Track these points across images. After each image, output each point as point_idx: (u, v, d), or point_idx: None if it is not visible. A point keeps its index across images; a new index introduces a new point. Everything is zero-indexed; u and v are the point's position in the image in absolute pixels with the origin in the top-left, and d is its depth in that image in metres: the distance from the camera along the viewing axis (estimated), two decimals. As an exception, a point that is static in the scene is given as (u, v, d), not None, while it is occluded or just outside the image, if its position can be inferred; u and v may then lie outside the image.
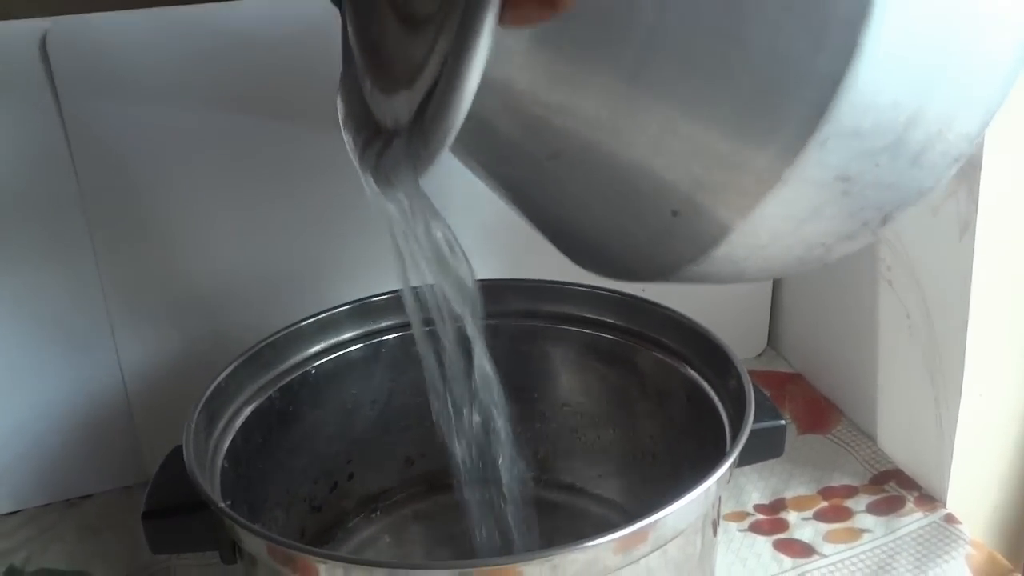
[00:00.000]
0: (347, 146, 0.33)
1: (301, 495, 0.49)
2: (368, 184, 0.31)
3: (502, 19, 0.23)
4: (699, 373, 0.45)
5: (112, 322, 0.54)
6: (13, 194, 0.50)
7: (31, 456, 0.55)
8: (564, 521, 0.51)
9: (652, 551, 0.33)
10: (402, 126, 0.28)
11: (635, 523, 0.32)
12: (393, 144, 0.29)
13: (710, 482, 0.34)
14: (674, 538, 0.34)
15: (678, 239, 0.30)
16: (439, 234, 0.34)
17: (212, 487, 0.37)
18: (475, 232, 0.58)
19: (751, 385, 0.40)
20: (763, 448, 0.41)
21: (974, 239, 0.44)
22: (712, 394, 0.43)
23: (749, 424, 0.37)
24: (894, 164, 0.27)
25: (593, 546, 0.31)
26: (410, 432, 0.52)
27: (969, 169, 0.44)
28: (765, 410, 0.41)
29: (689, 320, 0.46)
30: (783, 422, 0.41)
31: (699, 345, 0.45)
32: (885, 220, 0.29)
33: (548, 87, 0.28)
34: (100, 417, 0.56)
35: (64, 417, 0.55)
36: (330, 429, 0.49)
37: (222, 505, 0.34)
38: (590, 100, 0.28)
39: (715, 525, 0.40)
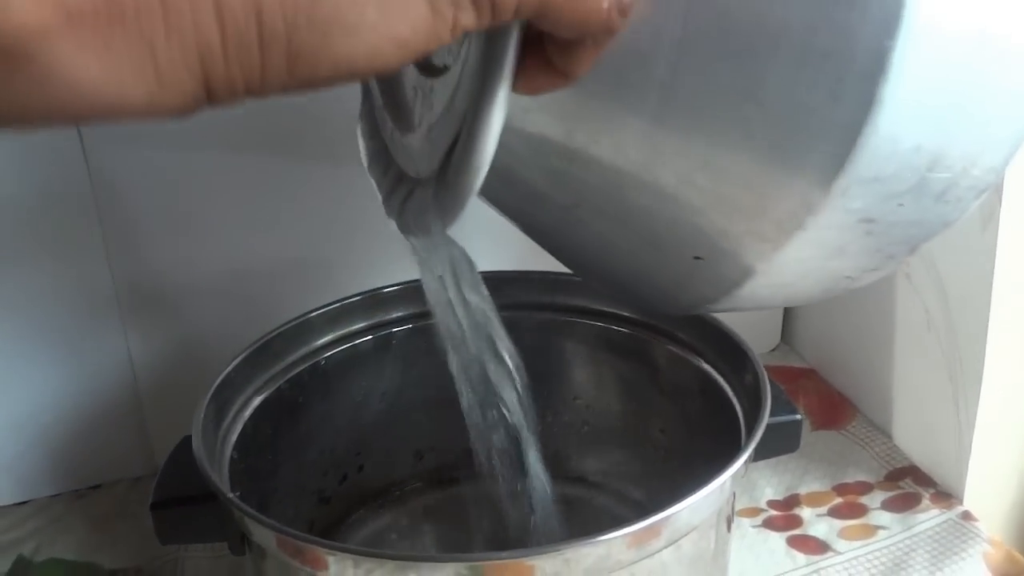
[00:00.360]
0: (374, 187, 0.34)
1: (311, 487, 0.48)
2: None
3: (515, 87, 0.24)
4: (713, 367, 0.44)
5: (122, 313, 0.54)
6: (26, 187, 0.50)
7: (40, 446, 0.55)
8: (575, 516, 0.50)
9: (666, 546, 0.33)
10: (424, 177, 0.29)
11: (649, 517, 0.31)
12: (416, 194, 0.30)
13: (725, 476, 0.33)
14: (688, 533, 0.34)
15: (701, 282, 0.31)
16: (474, 300, 0.35)
17: (221, 478, 0.37)
18: (489, 223, 0.57)
19: (767, 379, 0.39)
20: (778, 443, 0.40)
21: (997, 231, 0.43)
22: (727, 388, 0.43)
23: (765, 418, 0.36)
24: (918, 203, 0.27)
25: (606, 540, 0.31)
26: (420, 426, 0.51)
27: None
28: (781, 404, 0.40)
29: (704, 314, 0.45)
30: (799, 416, 0.40)
31: (714, 339, 0.44)
32: (912, 251, 0.29)
33: (568, 139, 0.29)
34: (109, 408, 0.56)
35: (73, 408, 0.55)
36: (340, 421, 0.49)
37: (230, 495, 0.33)
38: (609, 152, 0.29)
39: (729, 521, 0.39)
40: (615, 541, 0.31)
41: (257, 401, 0.43)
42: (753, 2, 0.25)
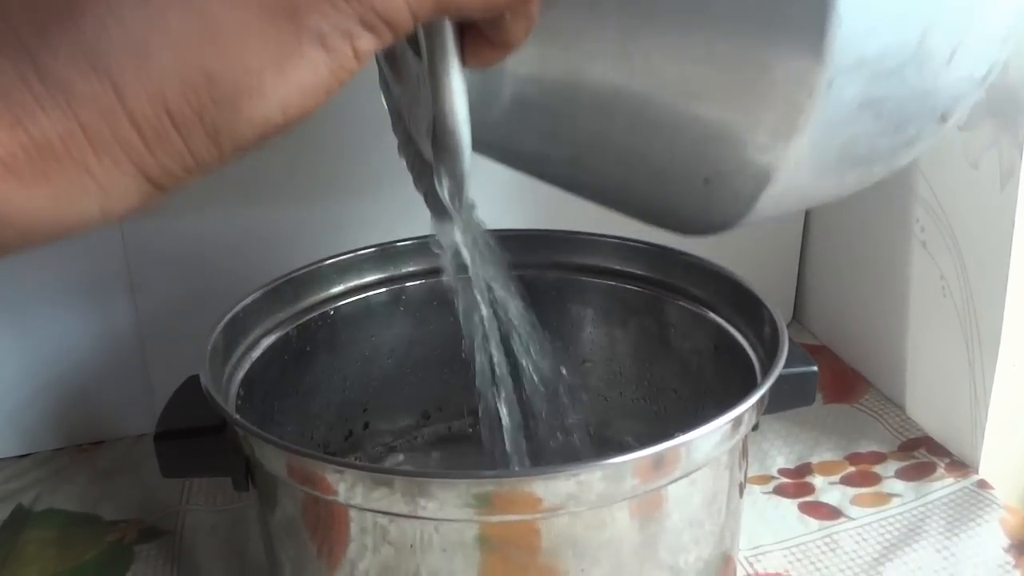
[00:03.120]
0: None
1: (316, 440, 0.47)
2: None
3: (465, 64, 0.25)
4: (728, 322, 0.43)
5: (130, 269, 0.53)
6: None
7: (43, 400, 0.55)
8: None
9: (680, 477, 0.32)
10: (431, 160, 0.30)
11: (663, 443, 0.30)
12: (432, 177, 0.31)
13: (742, 409, 0.32)
14: (702, 467, 0.33)
15: (720, 203, 0.30)
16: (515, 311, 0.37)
17: (228, 405, 0.36)
18: (502, 182, 0.57)
19: (783, 325, 0.38)
20: (794, 394, 0.39)
21: (1017, 189, 0.43)
22: (743, 342, 0.42)
23: (783, 357, 0.36)
24: (925, 72, 0.25)
25: (618, 463, 0.30)
26: (428, 385, 0.51)
27: (1013, 115, 0.42)
28: (797, 356, 0.39)
29: (718, 267, 0.44)
30: (815, 368, 0.40)
31: (729, 293, 0.44)
32: (944, 118, 0.28)
33: (546, 99, 0.30)
34: (114, 364, 0.55)
35: (78, 363, 0.55)
36: (347, 374, 0.48)
37: (237, 416, 0.33)
38: (589, 92, 0.29)
39: (742, 485, 0.38)
40: (626, 465, 0.30)
41: (265, 343, 0.43)
42: None
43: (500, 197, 0.57)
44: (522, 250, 0.49)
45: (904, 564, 0.43)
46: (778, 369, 0.35)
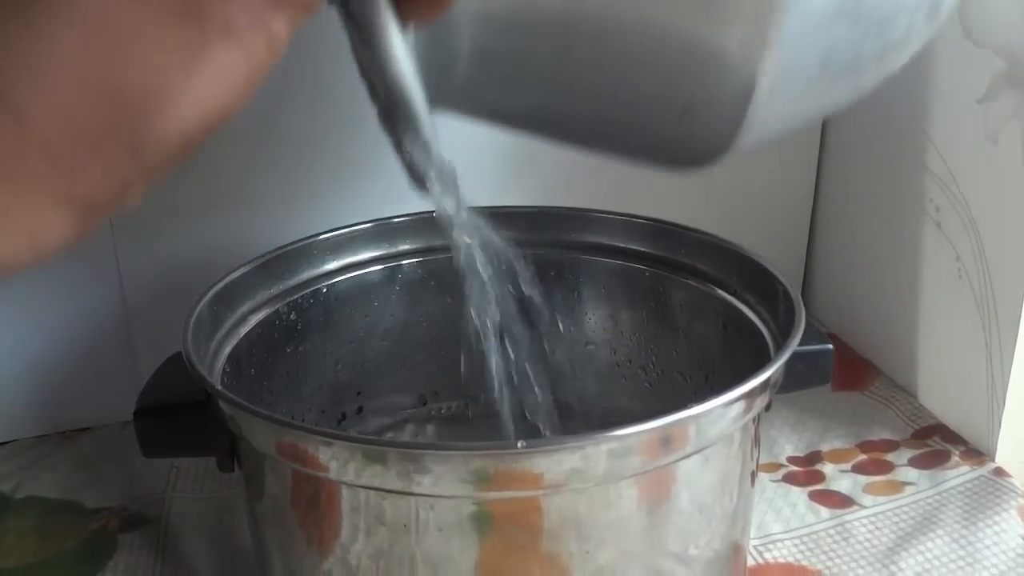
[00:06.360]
0: None
1: (307, 423, 0.45)
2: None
3: (402, 18, 0.24)
4: (739, 299, 0.42)
5: (116, 249, 0.52)
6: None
7: (26, 385, 0.53)
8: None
9: (692, 453, 0.30)
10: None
11: (674, 414, 0.29)
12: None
13: (757, 381, 0.31)
14: (715, 443, 0.31)
15: (701, 131, 0.28)
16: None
17: (212, 378, 0.34)
18: (504, 159, 0.55)
19: (799, 299, 0.36)
20: (809, 373, 0.37)
21: (1039, 160, 0.41)
22: (755, 319, 0.40)
23: (799, 332, 0.34)
24: None
25: (625, 436, 0.28)
26: (424, 368, 0.49)
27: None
28: (812, 334, 0.37)
29: (727, 242, 0.43)
30: (830, 346, 0.38)
31: (740, 268, 0.42)
32: (935, 12, 0.26)
33: (502, 42, 0.28)
34: (100, 348, 0.54)
35: (62, 347, 0.53)
36: (340, 355, 0.46)
37: (220, 388, 0.31)
38: (542, 40, 0.28)
39: (754, 474, 0.36)
40: (634, 438, 0.28)
41: (254, 320, 0.41)
42: None
43: (500, 173, 0.56)
44: (523, 228, 0.47)
45: (920, 554, 0.42)
46: (794, 343, 0.33)
